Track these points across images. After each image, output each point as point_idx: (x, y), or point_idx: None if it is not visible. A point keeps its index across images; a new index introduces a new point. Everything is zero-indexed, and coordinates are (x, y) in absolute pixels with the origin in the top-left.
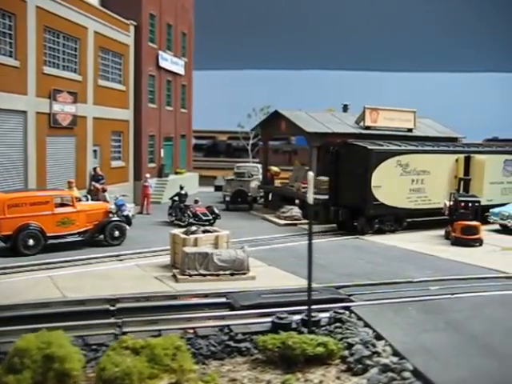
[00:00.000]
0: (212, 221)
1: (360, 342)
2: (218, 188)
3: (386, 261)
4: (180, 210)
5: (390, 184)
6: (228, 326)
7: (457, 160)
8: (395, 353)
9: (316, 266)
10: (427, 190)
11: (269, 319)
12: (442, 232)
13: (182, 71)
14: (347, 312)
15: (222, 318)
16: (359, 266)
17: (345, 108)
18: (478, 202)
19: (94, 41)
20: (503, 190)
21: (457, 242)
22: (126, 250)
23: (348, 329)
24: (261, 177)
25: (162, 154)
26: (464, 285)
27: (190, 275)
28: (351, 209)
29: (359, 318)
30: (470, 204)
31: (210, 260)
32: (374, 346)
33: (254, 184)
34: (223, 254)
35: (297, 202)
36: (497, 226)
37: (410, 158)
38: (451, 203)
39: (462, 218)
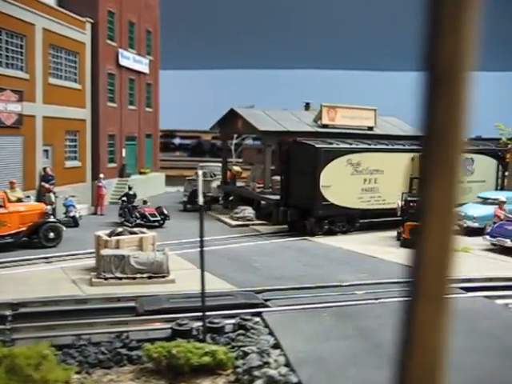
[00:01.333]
0: (161, 221)
1: (256, 351)
2: None
3: (325, 263)
4: (128, 211)
5: (340, 184)
6: (126, 332)
7: (412, 159)
8: (287, 363)
9: (248, 269)
10: (381, 190)
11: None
12: (395, 233)
13: (146, 70)
14: (257, 319)
15: (126, 323)
16: (294, 268)
17: (306, 106)
18: None
19: (42, 38)
20: (463, 190)
21: (406, 244)
22: (60, 251)
23: (249, 337)
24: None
25: (124, 154)
26: (394, 288)
27: (106, 278)
28: (301, 209)
29: (266, 325)
30: None
31: (127, 263)
32: (268, 355)
33: (215, 184)
34: (141, 256)
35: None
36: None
37: (361, 157)
38: (403, 203)
39: (411, 219)
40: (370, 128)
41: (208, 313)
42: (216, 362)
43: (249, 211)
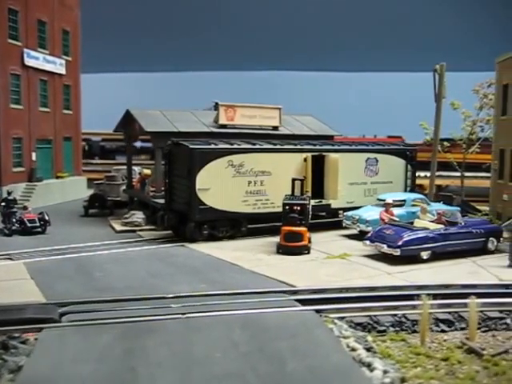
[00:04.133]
0: (42, 228)
1: None
2: None
3: (176, 272)
4: (7, 217)
5: (220, 186)
6: None
7: (305, 159)
8: None
9: (86, 279)
10: (269, 193)
11: None
12: None
13: (61, 71)
14: (31, 337)
15: None
16: (137, 278)
17: (215, 106)
18: (304, 204)
19: None
20: (367, 191)
21: (281, 250)
22: None
23: (2, 358)
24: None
25: (34, 158)
26: (221, 301)
27: None
28: (181, 213)
29: (33, 344)
30: (301, 207)
31: None
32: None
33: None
34: None
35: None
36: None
37: (244, 158)
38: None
39: (289, 223)
40: (275, 127)
41: None
42: None
43: (138, 216)
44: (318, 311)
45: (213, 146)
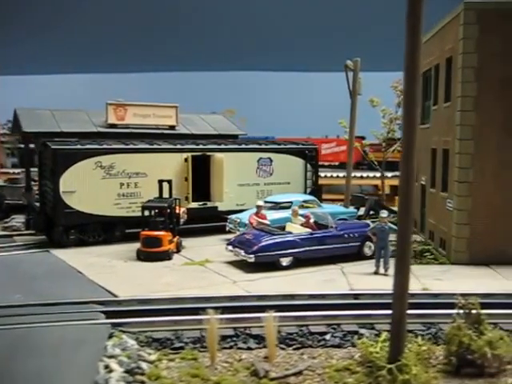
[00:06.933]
0: None
1: None
2: None
3: (3, 281)
4: None
5: (87, 189)
6: None
7: (186, 159)
8: None
9: None
10: (144, 195)
11: None
12: None
13: None
14: None
15: None
16: None
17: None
18: (164, 207)
19: None
20: (260, 193)
21: (141, 256)
22: None
23: None
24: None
25: None
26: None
27: None
28: (49, 217)
29: None
30: (163, 211)
31: None
32: None
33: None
34: None
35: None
36: None
37: (115, 159)
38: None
39: (150, 227)
40: (172, 127)
41: None
42: None
43: (17, 220)
44: (116, 325)
45: (78, 147)
